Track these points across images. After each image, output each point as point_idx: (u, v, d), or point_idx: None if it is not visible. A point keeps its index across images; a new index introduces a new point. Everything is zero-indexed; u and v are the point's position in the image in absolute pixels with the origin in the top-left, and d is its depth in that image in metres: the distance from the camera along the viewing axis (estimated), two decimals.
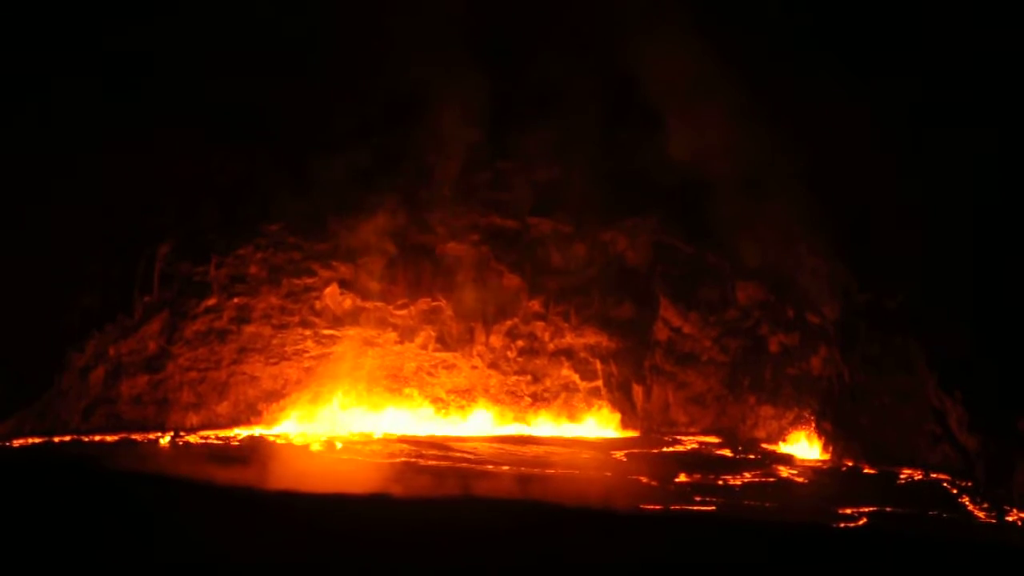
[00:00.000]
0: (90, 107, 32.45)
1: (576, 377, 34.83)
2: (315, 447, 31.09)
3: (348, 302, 34.05)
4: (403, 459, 30.05)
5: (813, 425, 33.57)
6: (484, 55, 33.80)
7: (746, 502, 28.40)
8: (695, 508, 27.70)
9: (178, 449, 30.54)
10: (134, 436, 31.56)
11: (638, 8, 33.98)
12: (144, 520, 21.80)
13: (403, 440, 32.21)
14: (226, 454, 29.74)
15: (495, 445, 32.19)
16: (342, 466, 29.11)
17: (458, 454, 30.80)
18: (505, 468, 29.59)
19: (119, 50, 32.86)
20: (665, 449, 33.04)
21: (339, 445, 31.26)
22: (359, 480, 27.67)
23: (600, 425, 34.50)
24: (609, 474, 29.99)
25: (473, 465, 29.69)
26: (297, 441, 31.62)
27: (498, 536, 22.29)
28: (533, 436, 33.62)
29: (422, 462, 29.60)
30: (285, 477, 27.57)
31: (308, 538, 21.47)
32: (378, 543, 21.36)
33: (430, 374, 34.41)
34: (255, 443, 31.45)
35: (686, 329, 34.86)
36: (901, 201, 32.60)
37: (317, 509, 24.00)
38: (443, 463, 29.78)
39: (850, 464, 32.12)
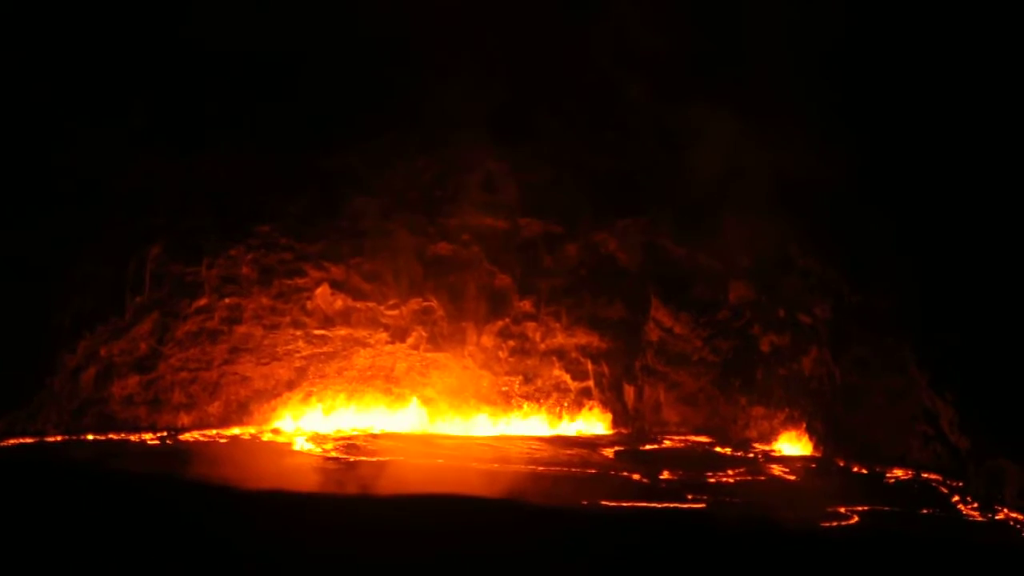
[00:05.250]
0: (85, 109, 32.42)
1: (567, 377, 34.85)
2: (305, 446, 31.10)
3: (339, 302, 34.03)
4: (390, 457, 30.05)
5: (804, 425, 33.58)
6: (476, 58, 33.82)
7: (737, 500, 28.39)
8: (686, 505, 27.70)
9: (169, 449, 30.51)
10: (125, 436, 31.51)
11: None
12: (136, 520, 21.74)
13: (393, 438, 32.23)
14: (217, 453, 29.70)
15: (486, 444, 32.19)
16: (331, 464, 29.13)
17: (448, 453, 30.83)
18: (495, 466, 29.60)
19: (115, 52, 32.86)
20: (656, 448, 33.10)
21: (329, 444, 31.28)
22: (348, 479, 27.74)
23: (591, 425, 34.52)
24: (600, 472, 30.01)
25: (462, 463, 29.70)
26: (288, 441, 31.62)
27: (483, 533, 22.23)
28: (524, 435, 33.63)
29: (412, 460, 29.62)
30: (275, 476, 27.58)
31: (297, 536, 21.42)
32: (362, 539, 21.32)
33: (421, 374, 34.38)
34: (246, 443, 31.48)
35: (677, 329, 34.89)
36: (893, 201, 32.68)
37: (305, 507, 23.96)
38: (433, 461, 29.82)
39: (841, 464, 32.13)
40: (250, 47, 33.25)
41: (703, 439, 33.99)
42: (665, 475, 30.07)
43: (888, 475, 31.25)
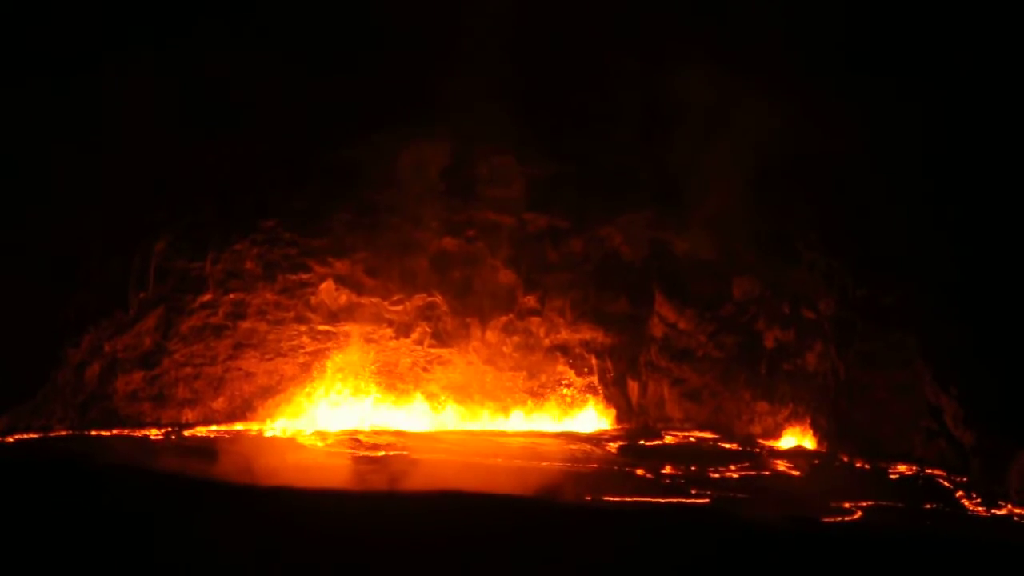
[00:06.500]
0: (88, 105, 32.44)
1: (571, 373, 34.83)
2: (310, 442, 31.11)
3: (343, 298, 34.08)
4: (395, 453, 30.06)
5: (808, 420, 33.58)
6: (481, 52, 33.79)
7: (741, 495, 28.40)
8: (690, 501, 27.71)
9: (173, 445, 30.54)
10: (129, 432, 31.55)
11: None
12: (139, 516, 21.79)
13: (397, 435, 32.16)
14: (221, 450, 29.67)
15: (490, 440, 32.19)
16: (334, 460, 29.16)
17: (452, 448, 30.83)
18: (499, 461, 29.61)
19: (118, 44, 32.87)
20: (660, 443, 33.08)
21: (334, 440, 31.28)
22: (349, 475, 27.78)
23: (595, 420, 34.53)
24: (604, 467, 30.03)
25: (466, 458, 29.69)
26: (291, 437, 31.63)
27: (489, 531, 22.28)
28: (528, 431, 33.63)
29: (415, 456, 29.59)
30: (278, 472, 27.59)
31: (299, 534, 21.45)
32: (364, 539, 21.37)
33: (425, 370, 34.43)
34: (250, 439, 31.45)
35: (681, 325, 34.83)
36: (899, 196, 32.65)
37: (308, 505, 23.98)
38: (437, 457, 29.78)
39: (845, 459, 32.09)
40: (255, 41, 33.25)
41: (707, 435, 33.92)
42: (669, 471, 30.07)
43: (892, 470, 31.24)
